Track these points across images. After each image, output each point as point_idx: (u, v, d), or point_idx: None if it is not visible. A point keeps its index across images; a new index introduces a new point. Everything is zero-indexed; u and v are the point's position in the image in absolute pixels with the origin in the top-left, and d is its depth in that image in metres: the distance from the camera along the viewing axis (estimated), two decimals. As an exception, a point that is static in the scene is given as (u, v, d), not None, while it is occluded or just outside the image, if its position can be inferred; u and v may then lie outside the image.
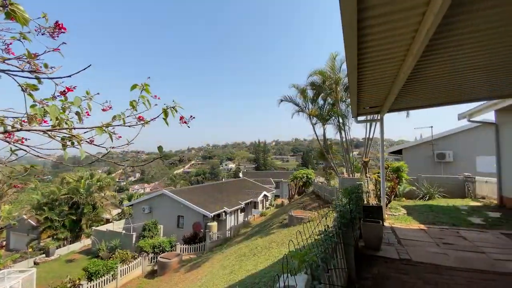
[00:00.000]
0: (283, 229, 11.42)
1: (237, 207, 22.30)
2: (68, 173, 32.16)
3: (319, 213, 4.03)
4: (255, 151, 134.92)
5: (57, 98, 1.52)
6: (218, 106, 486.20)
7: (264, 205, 28.49)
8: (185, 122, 1.68)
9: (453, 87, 5.72)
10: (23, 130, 1.43)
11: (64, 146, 1.53)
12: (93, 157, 1.81)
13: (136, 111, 1.60)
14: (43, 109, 1.42)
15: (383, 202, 7.60)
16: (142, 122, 1.61)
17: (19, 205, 26.78)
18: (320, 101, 15.85)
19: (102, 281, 12.71)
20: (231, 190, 27.22)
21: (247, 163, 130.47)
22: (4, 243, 26.76)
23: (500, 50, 3.85)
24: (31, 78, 1.47)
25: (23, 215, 25.70)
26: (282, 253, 7.56)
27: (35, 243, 23.27)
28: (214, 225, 18.61)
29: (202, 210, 18.98)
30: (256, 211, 24.94)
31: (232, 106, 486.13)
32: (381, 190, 7.76)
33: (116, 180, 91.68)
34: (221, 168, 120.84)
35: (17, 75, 1.44)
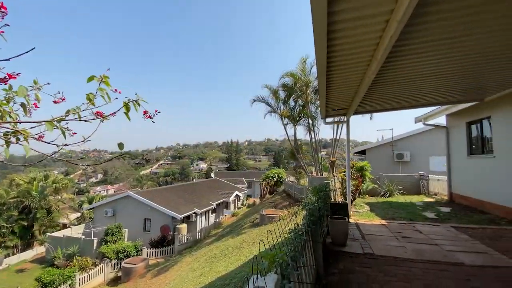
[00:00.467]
0: (254, 229, 11.45)
1: (208, 208, 21.88)
2: (18, 174, 29.19)
3: (289, 211, 4.09)
4: (228, 151, 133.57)
5: (-2, 85, 1.31)
6: (188, 106, 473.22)
7: (236, 205, 28.36)
8: (150, 117, 1.55)
9: (412, 92, 6.22)
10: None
11: (7, 143, 1.32)
12: (47, 156, 1.59)
13: (93, 105, 1.44)
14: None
15: (349, 199, 8.00)
16: (100, 118, 1.46)
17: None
18: (291, 102, 16.28)
19: (57, 291, 11.67)
20: (202, 191, 26.63)
21: (219, 163, 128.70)
22: None
23: (454, 59, 4.27)
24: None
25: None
26: (253, 252, 7.57)
27: (-22, 252, 20.69)
28: (184, 227, 18.07)
29: (171, 212, 18.30)
30: (228, 211, 24.72)
31: (203, 105, 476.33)
32: (347, 188, 8.16)
33: (75, 181, 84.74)
34: (192, 168, 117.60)
35: None
